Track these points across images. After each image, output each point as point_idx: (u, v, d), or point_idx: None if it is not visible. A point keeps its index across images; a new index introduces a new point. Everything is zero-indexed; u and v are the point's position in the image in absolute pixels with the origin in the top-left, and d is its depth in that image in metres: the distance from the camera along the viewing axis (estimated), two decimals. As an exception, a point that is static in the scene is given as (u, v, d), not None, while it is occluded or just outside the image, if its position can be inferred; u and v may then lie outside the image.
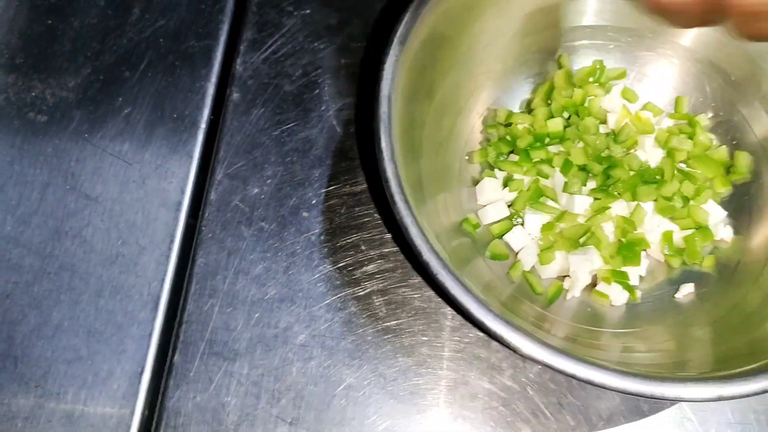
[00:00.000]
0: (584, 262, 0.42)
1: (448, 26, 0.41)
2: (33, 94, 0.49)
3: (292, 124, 0.48)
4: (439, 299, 0.43)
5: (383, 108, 0.35)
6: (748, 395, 0.31)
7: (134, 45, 0.51)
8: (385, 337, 0.42)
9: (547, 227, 0.43)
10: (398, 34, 0.38)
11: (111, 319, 0.43)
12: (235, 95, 0.49)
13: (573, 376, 0.31)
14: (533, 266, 0.43)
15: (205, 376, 0.41)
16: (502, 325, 0.31)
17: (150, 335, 0.42)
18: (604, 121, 0.45)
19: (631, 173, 0.43)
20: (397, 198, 0.34)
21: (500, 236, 0.43)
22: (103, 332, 0.42)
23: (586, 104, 0.46)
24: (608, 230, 0.43)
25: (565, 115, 0.46)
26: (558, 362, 0.31)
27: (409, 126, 0.39)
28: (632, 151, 0.44)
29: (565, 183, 0.43)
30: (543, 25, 0.45)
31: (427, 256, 0.33)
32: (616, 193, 0.43)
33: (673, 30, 0.45)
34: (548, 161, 0.44)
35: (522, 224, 0.43)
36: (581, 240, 0.42)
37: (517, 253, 0.43)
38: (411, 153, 0.39)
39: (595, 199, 0.43)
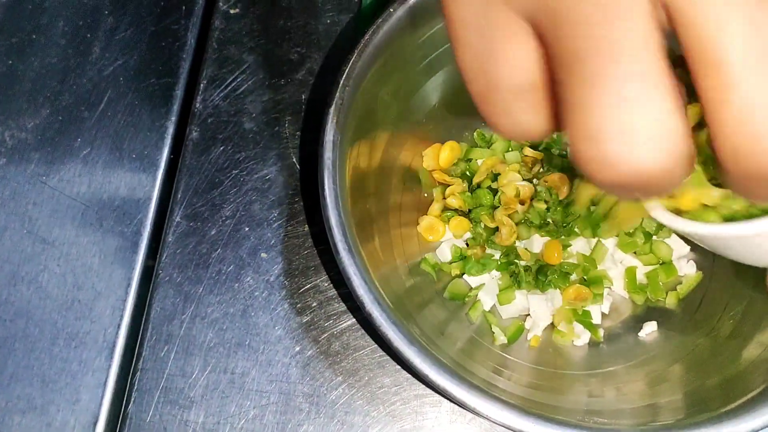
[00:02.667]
0: (545, 301, 0.41)
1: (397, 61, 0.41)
2: (-8, 136, 0.49)
3: (252, 163, 0.47)
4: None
5: (327, 153, 0.35)
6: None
7: (94, 84, 0.50)
8: (345, 381, 0.42)
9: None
10: (345, 75, 0.37)
11: (66, 367, 0.42)
12: (195, 134, 0.48)
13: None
14: (493, 306, 0.42)
15: (159, 426, 0.41)
16: (459, 388, 0.30)
17: (105, 384, 0.42)
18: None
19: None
20: (341, 247, 0.33)
21: (460, 276, 0.42)
22: (57, 381, 0.42)
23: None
24: (569, 267, 0.42)
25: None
26: (520, 423, 0.30)
27: (358, 162, 0.39)
28: (593, 185, 0.44)
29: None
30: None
31: (370, 307, 0.32)
32: (575, 229, 0.42)
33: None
34: (508, 198, 0.43)
35: (482, 263, 0.42)
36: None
37: (476, 293, 0.42)
38: (361, 189, 0.39)
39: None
